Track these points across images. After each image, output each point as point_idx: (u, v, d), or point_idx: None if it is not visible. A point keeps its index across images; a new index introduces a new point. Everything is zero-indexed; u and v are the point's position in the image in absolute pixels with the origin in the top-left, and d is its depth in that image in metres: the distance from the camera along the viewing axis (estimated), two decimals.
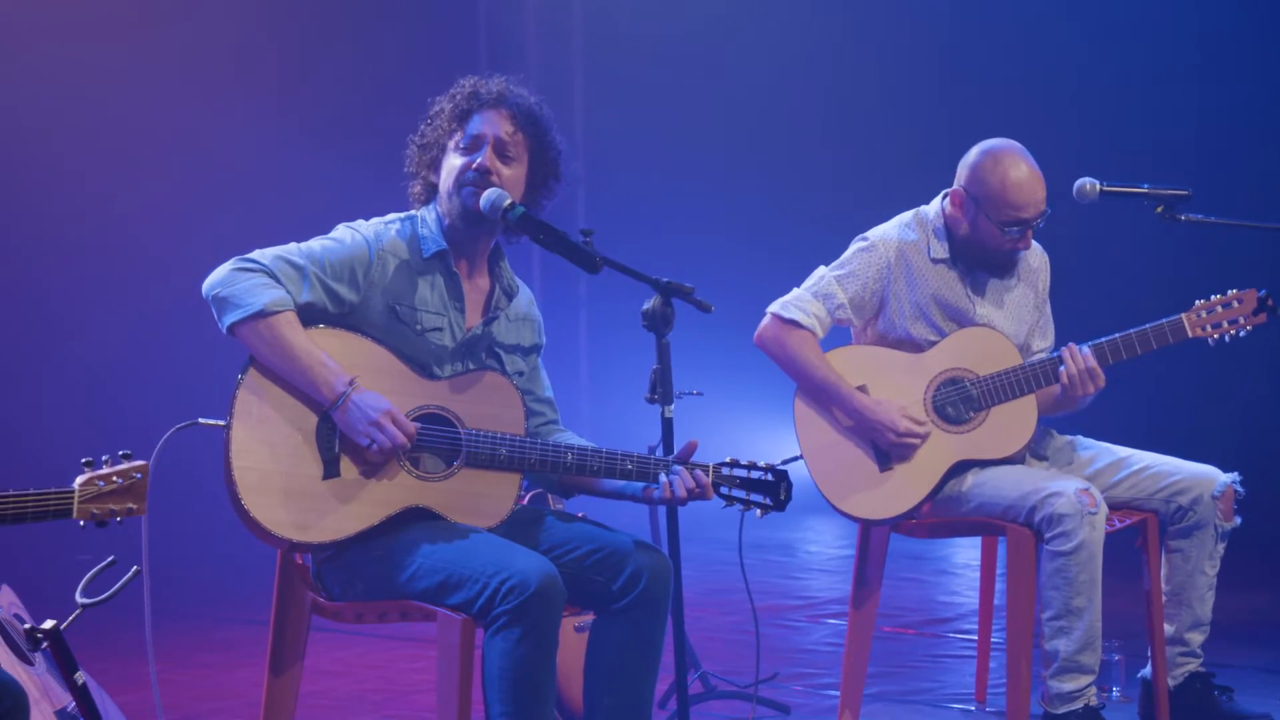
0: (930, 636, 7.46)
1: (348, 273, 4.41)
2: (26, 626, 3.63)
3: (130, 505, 3.67)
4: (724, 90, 11.67)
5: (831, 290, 5.46)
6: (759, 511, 4.56)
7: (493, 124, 4.53)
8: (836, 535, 10.55)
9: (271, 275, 4.31)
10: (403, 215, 4.63)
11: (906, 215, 5.58)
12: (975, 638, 6.36)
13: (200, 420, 4.47)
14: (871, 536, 5.59)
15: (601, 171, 12.06)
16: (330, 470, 4.33)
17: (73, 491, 3.54)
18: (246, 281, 4.29)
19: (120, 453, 3.71)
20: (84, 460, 3.62)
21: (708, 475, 4.47)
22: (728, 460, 4.54)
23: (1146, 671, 5.58)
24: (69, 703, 4.84)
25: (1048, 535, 5.17)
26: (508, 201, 4.46)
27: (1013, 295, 5.57)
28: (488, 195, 4.43)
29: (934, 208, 5.53)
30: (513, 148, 4.55)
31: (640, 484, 4.51)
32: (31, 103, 8.80)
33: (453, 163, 4.53)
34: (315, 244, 4.45)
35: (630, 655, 4.40)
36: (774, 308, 5.48)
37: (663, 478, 4.41)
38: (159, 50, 9.36)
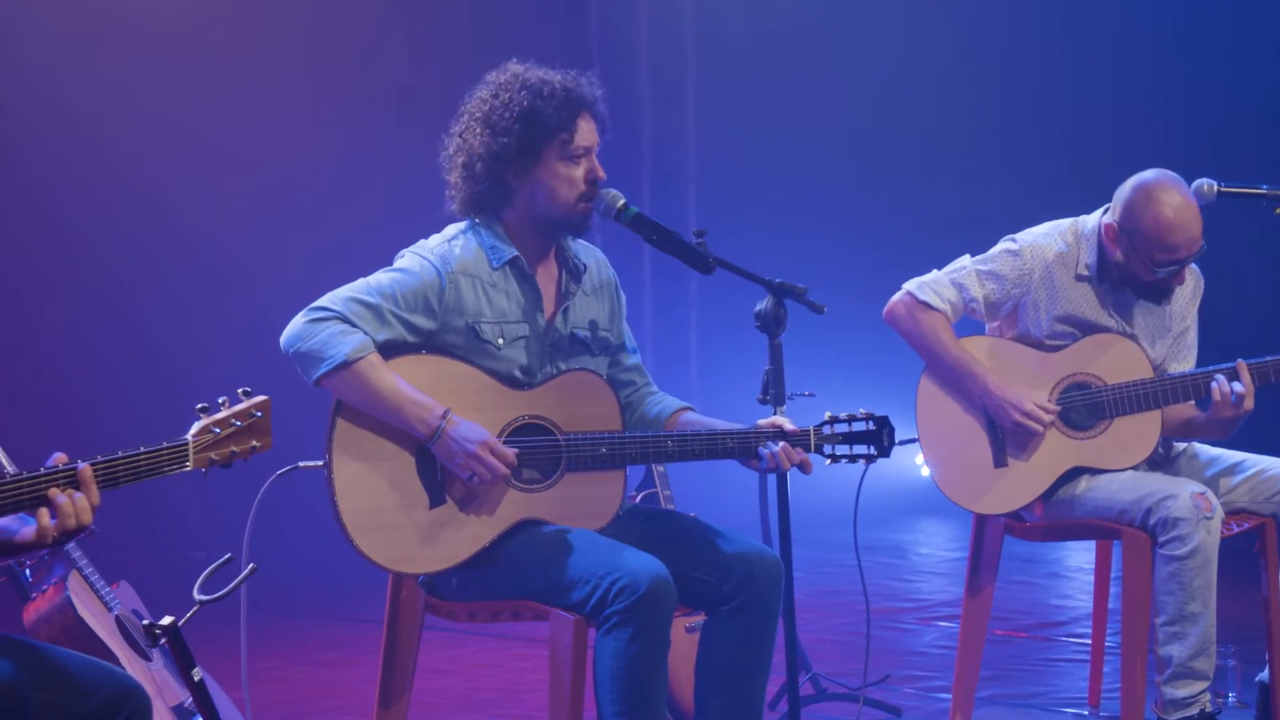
0: (1042, 640, 7.40)
1: (421, 302, 4.37)
2: (145, 623, 3.66)
3: (254, 443, 3.55)
4: (836, 88, 11.61)
5: (969, 282, 5.40)
6: (864, 462, 4.53)
7: (592, 128, 4.49)
8: (948, 538, 10.47)
9: (345, 320, 4.29)
10: (462, 227, 4.55)
11: (1064, 223, 5.47)
12: (1089, 642, 6.30)
13: (300, 464, 4.51)
14: (985, 538, 5.54)
15: (713, 171, 12.05)
16: (436, 499, 4.34)
17: (186, 443, 3.44)
18: (324, 332, 4.27)
19: (240, 390, 3.62)
20: (199, 406, 3.52)
21: (809, 439, 4.43)
22: (827, 418, 4.50)
23: (1264, 675, 5.51)
24: (185, 698, 4.91)
25: (1162, 539, 5.11)
26: (621, 202, 4.45)
27: (1155, 316, 5.46)
28: (598, 200, 4.43)
29: (1093, 220, 5.40)
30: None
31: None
32: (135, 113, 8.88)
33: (565, 172, 4.44)
34: (384, 278, 4.40)
35: (741, 656, 4.38)
36: (910, 285, 5.43)
37: (763, 450, 4.38)
38: (264, 55, 9.42)
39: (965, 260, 5.47)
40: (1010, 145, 11.27)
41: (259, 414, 3.56)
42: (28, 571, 5.00)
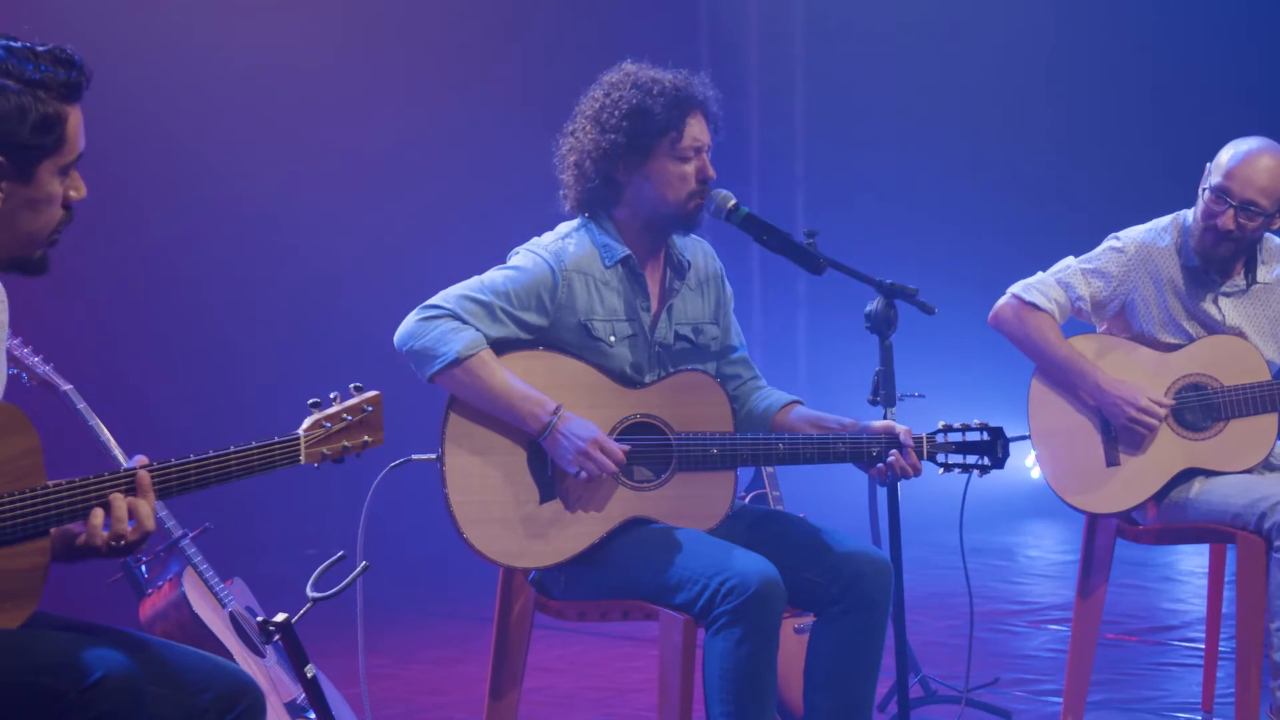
0: (1154, 644, 7.33)
1: (534, 300, 4.40)
2: (259, 619, 3.70)
3: (365, 438, 3.56)
4: (945, 88, 11.55)
5: (1075, 281, 5.38)
6: (978, 473, 4.52)
7: (702, 127, 4.49)
8: (1058, 540, 10.39)
9: (458, 318, 4.32)
10: (575, 225, 4.57)
11: (1165, 219, 5.46)
12: (1202, 646, 6.23)
13: (413, 457, 4.54)
14: (1096, 540, 5.50)
15: (821, 171, 12.02)
16: (547, 494, 4.36)
17: (298, 437, 3.45)
18: (436, 330, 4.30)
19: (352, 385, 3.63)
20: (311, 401, 3.51)
21: (922, 447, 4.42)
22: (940, 426, 4.48)
23: None
24: (298, 695, 4.96)
25: (1277, 543, 5.06)
26: (732, 203, 4.46)
27: (1267, 310, 5.42)
28: (709, 199, 4.44)
29: (1195, 213, 5.41)
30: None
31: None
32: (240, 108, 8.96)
33: (674, 170, 4.45)
34: (497, 275, 4.43)
35: (850, 658, 4.37)
36: (1015, 288, 5.41)
37: (879, 464, 4.37)
38: (383, 56, 9.49)
39: (1070, 260, 5.45)
40: (1122, 145, 11.18)
41: (370, 409, 3.58)
42: (143, 568, 5.06)
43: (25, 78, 2.90)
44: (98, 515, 3.11)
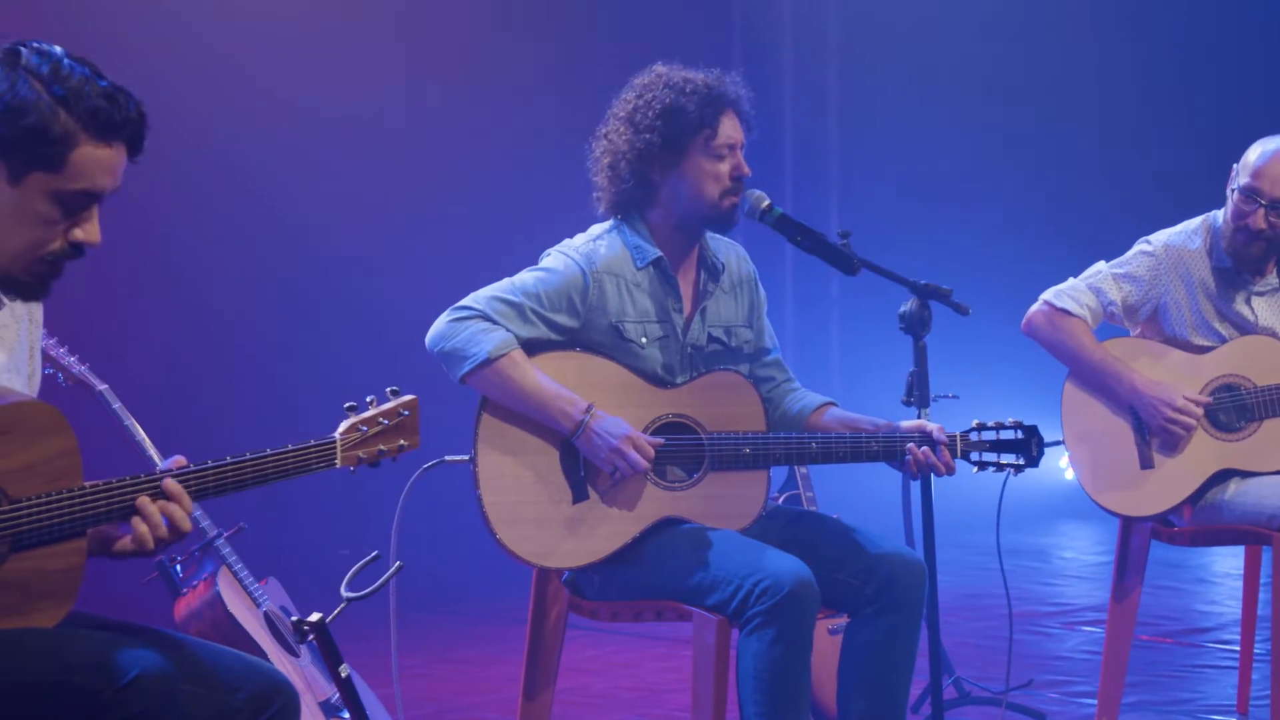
0: (1189, 646, 7.30)
1: (565, 301, 4.40)
2: (293, 619, 3.71)
3: (401, 442, 3.56)
4: (980, 89, 11.54)
5: (1106, 286, 5.37)
6: (1012, 472, 4.51)
7: (736, 126, 4.49)
8: (1093, 541, 10.38)
9: (487, 318, 4.33)
10: (607, 226, 4.58)
11: (1195, 221, 5.45)
12: (1237, 648, 6.21)
13: (446, 458, 4.54)
14: (1131, 542, 5.49)
15: (855, 172, 12.01)
16: (579, 494, 4.37)
17: (334, 441, 3.44)
18: (467, 331, 4.32)
19: (389, 389, 3.63)
20: (347, 405, 3.53)
21: (955, 445, 4.41)
22: (974, 424, 4.47)
23: None
24: (332, 694, 4.97)
25: None
26: (766, 203, 4.46)
27: None
28: (743, 198, 4.44)
29: (1224, 214, 5.40)
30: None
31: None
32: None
33: (709, 168, 4.45)
34: (528, 276, 4.44)
35: (883, 659, 4.36)
36: (1047, 295, 5.41)
37: (907, 456, 4.37)
38: (414, 58, 9.51)
39: (1101, 265, 5.45)
40: (1157, 147, 11.15)
41: (407, 413, 3.58)
42: (178, 567, 5.08)
43: (53, 89, 2.90)
44: (140, 524, 3.12)
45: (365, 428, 3.50)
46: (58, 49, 2.96)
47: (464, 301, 4.37)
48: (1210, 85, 11.14)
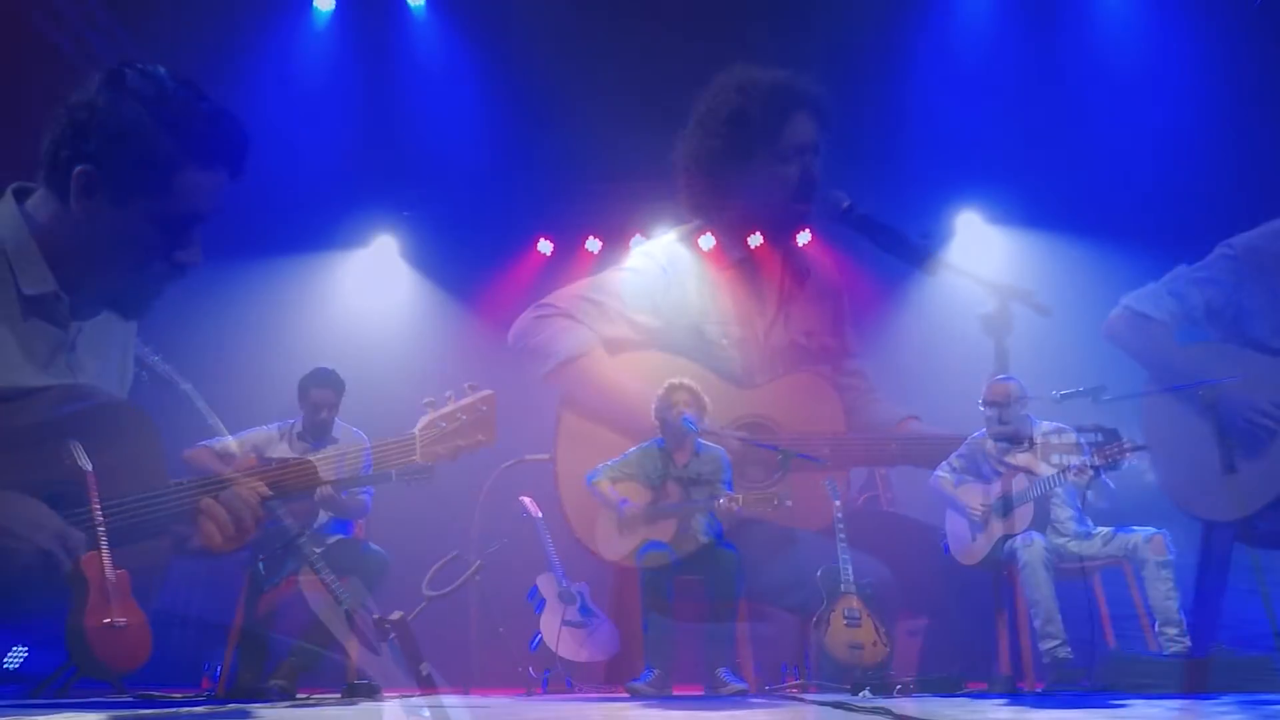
0: (1273, 651, 7.23)
1: (647, 301, 4.42)
2: (375, 617, 3.73)
3: (479, 437, 3.55)
4: (1061, 85, 11.46)
5: (1186, 291, 5.35)
6: (1091, 472, 4.50)
7: (805, 126, 4.48)
8: (1173, 543, 10.28)
9: (570, 317, 4.35)
10: (689, 229, 4.59)
11: (1276, 223, 5.42)
12: None
13: (526, 457, 4.57)
14: (1214, 545, 5.46)
15: (935, 171, 11.94)
16: (660, 492, 4.38)
17: (413, 437, 3.47)
18: (549, 329, 4.35)
19: (466, 385, 3.63)
20: (425, 400, 3.51)
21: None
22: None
23: None
24: (413, 691, 4.99)
25: None
26: (846, 203, 4.45)
27: None
28: (824, 198, 4.43)
29: None
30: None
31: None
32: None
33: (775, 171, 4.46)
34: (612, 276, 4.46)
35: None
36: (1128, 300, 5.39)
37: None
38: (494, 48, 9.53)
39: (1181, 269, 5.41)
40: (1236, 150, 11.05)
41: (484, 408, 3.58)
42: (262, 565, 5.12)
43: (157, 112, 2.89)
44: (208, 524, 3.12)
45: (444, 423, 3.51)
46: (161, 69, 2.96)
47: (548, 299, 4.40)
48: None
